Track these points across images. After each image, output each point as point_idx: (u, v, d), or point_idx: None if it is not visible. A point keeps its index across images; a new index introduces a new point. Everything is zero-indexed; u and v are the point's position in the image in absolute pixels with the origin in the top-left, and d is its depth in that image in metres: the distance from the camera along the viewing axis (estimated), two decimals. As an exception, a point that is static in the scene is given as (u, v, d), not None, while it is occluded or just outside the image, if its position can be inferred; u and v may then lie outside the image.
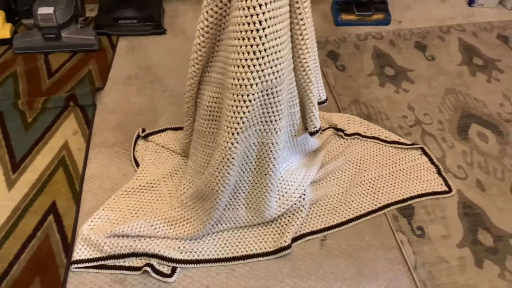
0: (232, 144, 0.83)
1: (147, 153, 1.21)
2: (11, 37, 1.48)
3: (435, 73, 1.50)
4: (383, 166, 1.21)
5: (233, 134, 0.81)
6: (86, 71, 1.44)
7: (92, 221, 1.05)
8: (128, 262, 1.00)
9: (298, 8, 0.77)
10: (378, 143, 1.27)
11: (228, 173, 0.89)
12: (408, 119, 1.35)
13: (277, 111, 0.83)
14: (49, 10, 1.37)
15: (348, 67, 1.52)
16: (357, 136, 1.28)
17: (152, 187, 1.13)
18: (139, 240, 1.02)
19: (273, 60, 0.75)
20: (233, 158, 0.86)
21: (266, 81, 0.77)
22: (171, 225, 1.04)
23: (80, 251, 1.00)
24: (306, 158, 1.19)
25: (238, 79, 0.75)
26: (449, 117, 1.36)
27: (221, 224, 1.05)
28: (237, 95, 0.77)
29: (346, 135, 1.28)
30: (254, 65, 0.73)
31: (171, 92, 1.41)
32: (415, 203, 1.14)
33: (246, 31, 0.70)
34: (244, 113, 0.79)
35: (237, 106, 0.78)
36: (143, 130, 1.26)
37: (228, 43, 0.76)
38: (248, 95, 0.76)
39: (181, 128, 1.24)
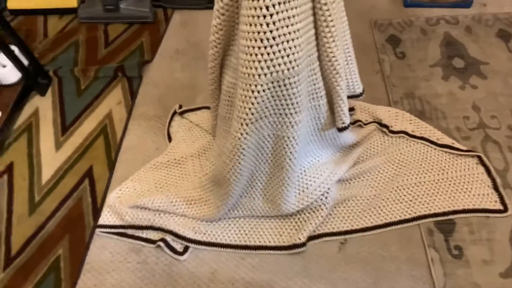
0: (242, 134, 0.79)
1: (181, 129, 1.23)
2: (78, 7, 1.57)
3: (516, 68, 1.27)
4: (427, 172, 1.08)
5: (242, 124, 0.77)
6: (139, 43, 1.48)
7: (120, 190, 1.11)
8: (145, 234, 1.04)
9: (320, -9, 0.68)
10: (427, 145, 1.13)
11: (239, 163, 0.86)
12: (470, 121, 1.17)
13: (291, 104, 0.77)
14: (109, -19, 1.43)
15: (409, 55, 1.35)
16: (404, 135, 1.15)
17: (180, 164, 1.15)
18: (159, 214, 1.05)
19: (284, 49, 0.68)
20: (243, 149, 0.82)
21: (277, 71, 0.70)
22: (190, 204, 1.05)
23: (106, 217, 1.07)
24: (340, 153, 1.10)
25: (247, 67, 0.70)
26: (523, 123, 1.15)
27: (237, 211, 1.03)
28: (246, 84, 0.72)
29: (391, 132, 1.15)
30: (262, 54, 0.67)
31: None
32: (458, 218, 1.00)
33: (253, 16, 0.64)
34: (252, 104, 0.74)
35: (245, 96, 0.73)
36: (180, 107, 1.27)
37: (240, 28, 0.70)
38: (256, 86, 0.71)
39: (217, 108, 1.23)
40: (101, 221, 1.06)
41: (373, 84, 1.30)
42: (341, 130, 0.92)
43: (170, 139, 1.22)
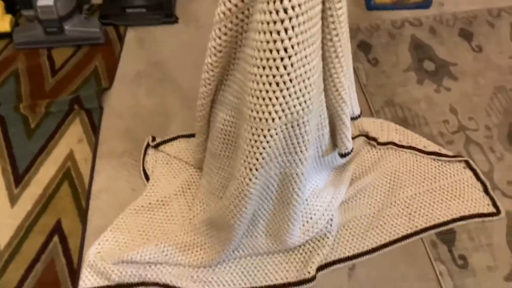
0: (250, 180, 0.71)
1: (158, 165, 1.11)
2: (11, 31, 1.36)
3: (483, 67, 1.31)
4: (420, 182, 1.07)
5: (251, 170, 0.69)
6: (92, 68, 1.32)
7: (99, 244, 0.97)
8: (137, 292, 0.92)
9: (333, 22, 0.62)
10: (416, 154, 1.12)
11: (246, 207, 0.78)
12: (450, 125, 1.19)
13: (303, 141, 0.70)
14: (49, 1, 1.24)
15: (382, 61, 1.34)
16: (392, 146, 1.13)
17: (164, 205, 1.04)
18: (150, 267, 0.94)
19: (300, 90, 0.61)
20: (251, 194, 0.74)
21: (291, 113, 0.63)
22: (184, 251, 0.95)
23: (87, 279, 0.93)
24: (334, 173, 1.06)
25: (258, 112, 0.62)
26: (498, 122, 1.19)
27: (239, 251, 0.95)
28: (256, 129, 0.64)
29: (379, 144, 1.13)
30: (277, 97, 0.60)
31: (183, 92, 1.28)
32: (457, 226, 1.01)
33: (268, 59, 0.56)
34: (264, 148, 0.66)
35: (255, 141, 0.65)
36: (153, 139, 1.15)
37: (246, 68, 0.62)
38: (269, 130, 0.63)
39: (194, 135, 1.13)
40: (82, 284, 0.92)
41: (351, 94, 1.27)
42: (344, 155, 0.87)
43: (147, 177, 1.10)
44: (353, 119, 0.91)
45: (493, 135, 1.16)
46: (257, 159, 0.67)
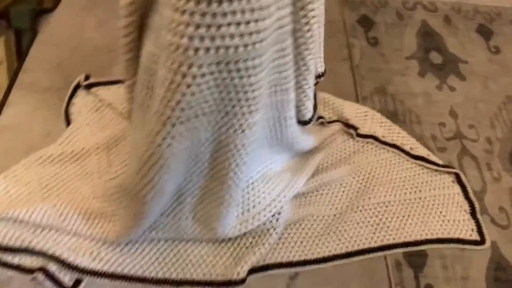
0: (164, 139, 0.51)
1: (85, 110, 0.90)
2: None
3: (497, 71, 1.12)
4: (397, 189, 0.89)
5: (164, 124, 0.49)
6: (37, -18, 1.09)
7: (-16, 191, 0.77)
8: (18, 259, 0.72)
9: None
10: (399, 155, 0.93)
11: (159, 177, 0.58)
12: (446, 129, 1.00)
13: (246, 99, 0.50)
14: None
15: (382, 42, 1.14)
16: (373, 140, 0.94)
17: (79, 158, 0.84)
18: (40, 232, 0.74)
19: (242, 13, 0.40)
20: (164, 159, 0.54)
21: (226, 47, 0.42)
22: (88, 219, 0.75)
23: (-45, 231, 0.72)
24: (295, 160, 0.86)
25: (175, 34, 0.41)
26: (502, 136, 1.00)
27: (157, 232, 0.75)
28: (173, 63, 0.43)
29: (359, 135, 0.94)
30: (203, 14, 0.38)
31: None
32: (430, 249, 0.83)
33: None
34: (183, 94, 0.46)
35: (172, 81, 0.44)
36: (87, 77, 0.94)
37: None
38: (191, 66, 0.43)
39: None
40: None
41: (339, 73, 1.07)
42: (304, 123, 0.67)
43: (68, 122, 0.89)
44: (302, 122, 0.71)
45: (494, 150, 0.97)
46: (173, 110, 0.47)
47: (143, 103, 0.62)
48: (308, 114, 0.66)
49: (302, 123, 0.67)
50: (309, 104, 0.63)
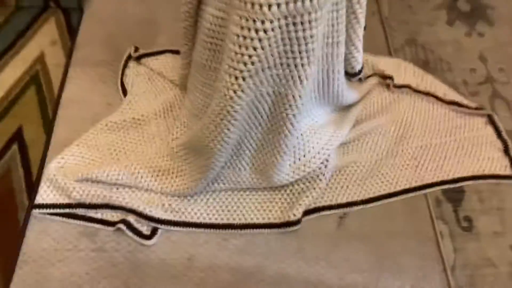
0: (235, 92, 0.58)
1: (139, 80, 0.97)
2: None
3: (526, 15, 1.14)
4: (433, 133, 0.95)
5: (237, 78, 0.56)
6: (77, -38, 1.14)
7: (62, 158, 0.86)
8: (101, 214, 0.82)
9: None
10: (433, 102, 0.98)
11: (228, 129, 0.65)
12: (477, 74, 1.04)
13: (306, 51, 0.56)
14: None
15: (410, -6, 1.16)
16: (408, 90, 0.99)
17: (140, 124, 0.91)
18: (117, 189, 0.84)
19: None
20: (235, 111, 0.61)
21: (294, 2, 0.48)
22: (157, 176, 0.84)
23: (45, 194, 0.83)
24: (336, 114, 0.92)
25: (250, -6, 0.47)
26: (532, 78, 1.04)
27: (219, 184, 0.84)
28: (247, 20, 0.49)
29: (395, 86, 0.99)
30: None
31: (177, 2, 1.11)
32: (467, 186, 0.89)
33: None
34: (255, 49, 0.52)
35: (245, 37, 0.51)
36: (136, 49, 1.00)
37: None
38: (263, 22, 0.49)
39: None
40: (39, 199, 0.82)
41: (369, 27, 1.08)
42: (349, 74, 0.73)
43: (124, 92, 0.96)
44: (351, 75, 0.76)
45: (524, 91, 1.01)
46: (245, 64, 0.54)
47: (205, 64, 0.68)
48: (358, 66, 0.71)
49: (352, 75, 0.73)
50: (359, 56, 0.68)
